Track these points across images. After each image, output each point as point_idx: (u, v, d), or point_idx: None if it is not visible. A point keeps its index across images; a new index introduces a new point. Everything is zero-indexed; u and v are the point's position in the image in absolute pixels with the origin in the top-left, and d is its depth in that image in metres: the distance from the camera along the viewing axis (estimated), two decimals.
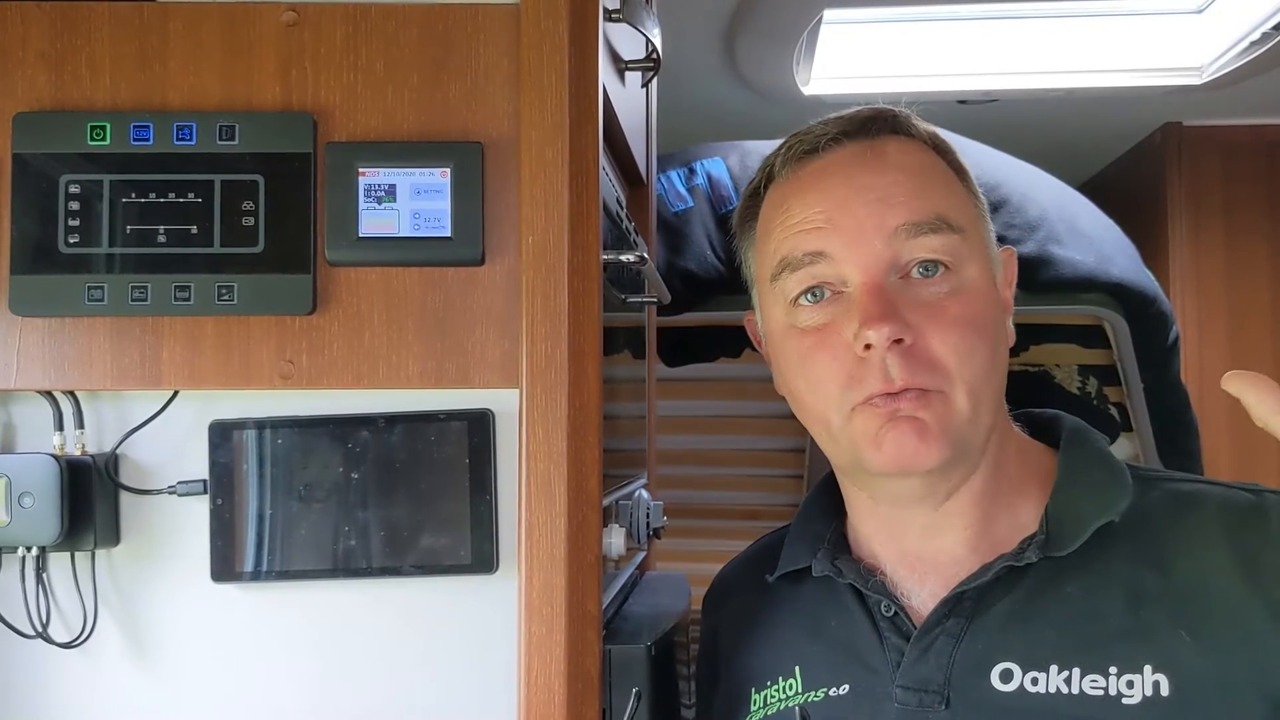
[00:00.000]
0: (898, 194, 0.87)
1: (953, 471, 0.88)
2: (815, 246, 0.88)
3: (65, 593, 0.92)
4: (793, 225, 0.90)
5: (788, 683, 0.93)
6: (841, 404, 0.86)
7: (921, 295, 0.85)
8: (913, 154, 0.91)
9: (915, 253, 0.86)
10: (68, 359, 0.89)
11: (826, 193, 0.89)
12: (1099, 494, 0.88)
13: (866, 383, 0.84)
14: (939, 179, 0.91)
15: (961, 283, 0.87)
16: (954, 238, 0.87)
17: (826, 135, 0.91)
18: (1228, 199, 3.03)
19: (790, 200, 0.91)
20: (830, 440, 0.90)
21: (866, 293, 0.85)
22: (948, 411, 0.84)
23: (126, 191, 0.88)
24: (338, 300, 0.90)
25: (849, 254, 0.86)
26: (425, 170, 0.89)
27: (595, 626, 0.87)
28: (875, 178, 0.88)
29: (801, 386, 0.90)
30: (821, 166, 0.91)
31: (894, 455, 0.84)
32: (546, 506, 0.86)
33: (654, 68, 1.13)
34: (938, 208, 0.87)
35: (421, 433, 0.91)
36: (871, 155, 0.90)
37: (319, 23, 0.90)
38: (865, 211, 0.86)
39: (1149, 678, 0.80)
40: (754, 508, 2.22)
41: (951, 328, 0.85)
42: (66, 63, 0.90)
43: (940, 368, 0.84)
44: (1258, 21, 2.33)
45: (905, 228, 0.86)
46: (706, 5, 2.18)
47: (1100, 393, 2.05)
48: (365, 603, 0.92)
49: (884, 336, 0.83)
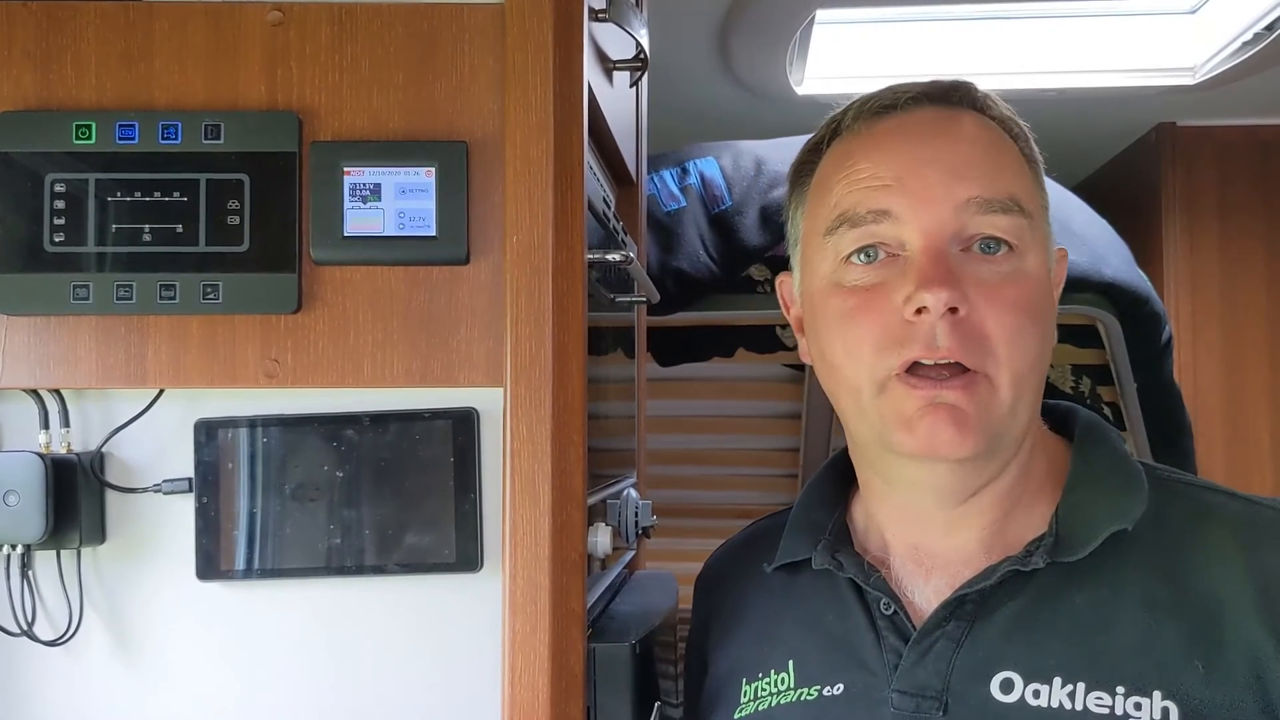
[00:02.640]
0: (972, 166, 0.84)
1: (983, 467, 0.85)
2: (880, 204, 0.84)
3: (51, 591, 0.92)
4: (859, 180, 0.86)
5: (780, 677, 0.91)
6: (876, 369, 0.83)
7: (981, 272, 0.82)
8: (991, 132, 0.88)
9: (982, 228, 0.83)
10: (53, 357, 0.89)
11: (898, 152, 0.85)
12: (1113, 498, 0.85)
13: (908, 346, 0.81)
14: (1013, 161, 0.88)
15: (1022, 267, 0.84)
16: (1022, 221, 0.84)
17: (906, 94, 0.88)
18: (1222, 199, 3.04)
19: (858, 155, 0.87)
20: (857, 413, 0.86)
21: (927, 256, 0.82)
22: (991, 400, 0.81)
23: (112, 190, 0.89)
24: (323, 299, 0.90)
25: (914, 216, 0.83)
26: (410, 169, 0.89)
27: (579, 625, 0.87)
28: (951, 145, 0.85)
29: (838, 348, 0.86)
30: (896, 125, 0.87)
31: (926, 440, 0.81)
32: (530, 505, 0.86)
33: (642, 67, 1.13)
34: (1011, 188, 0.84)
35: (407, 431, 0.91)
36: (950, 123, 0.87)
37: (304, 22, 0.91)
38: (936, 177, 0.83)
39: (1158, 703, 0.77)
40: (747, 507, 2.22)
41: (1007, 309, 0.82)
42: (52, 62, 0.90)
43: (989, 346, 0.81)
44: (1250, 22, 2.33)
45: (976, 201, 0.83)
46: (699, 5, 2.19)
47: (1093, 392, 2.06)
48: (350, 601, 0.92)
49: (941, 302, 0.79)
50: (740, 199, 1.82)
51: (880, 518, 0.92)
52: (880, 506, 0.92)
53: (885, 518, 0.92)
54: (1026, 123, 0.90)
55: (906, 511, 0.90)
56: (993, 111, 0.89)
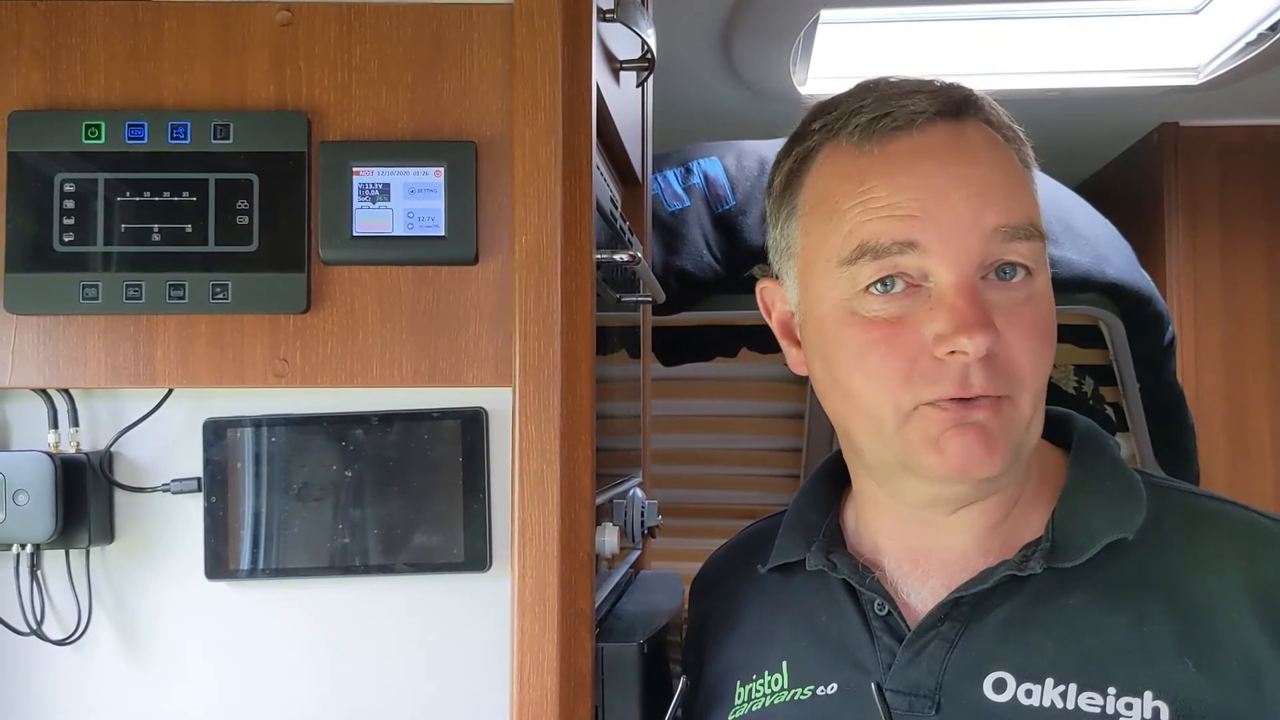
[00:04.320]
0: (993, 191, 0.82)
1: (1003, 479, 0.84)
2: (905, 236, 0.81)
3: (60, 590, 0.92)
4: (880, 209, 0.82)
5: (774, 678, 0.91)
6: (902, 402, 0.81)
7: (1001, 300, 0.81)
8: (998, 147, 0.86)
9: (1005, 255, 0.81)
10: (62, 357, 0.89)
11: (921, 179, 0.82)
12: (1111, 507, 0.85)
13: (940, 384, 0.80)
14: (1021, 178, 0.86)
15: (1036, 289, 0.83)
16: (1040, 244, 0.83)
17: (921, 115, 0.83)
18: (1224, 199, 3.04)
19: (874, 179, 0.83)
20: (877, 439, 0.85)
21: (961, 294, 0.80)
22: (1013, 418, 0.81)
23: (121, 190, 0.89)
24: (331, 299, 0.90)
25: (943, 249, 0.80)
26: (419, 169, 0.89)
27: (588, 624, 0.87)
28: (969, 169, 0.82)
29: (858, 380, 0.84)
30: (913, 146, 0.83)
31: (958, 463, 0.80)
32: (539, 505, 0.86)
33: (648, 67, 1.13)
34: (1029, 212, 0.83)
35: (415, 431, 0.92)
36: (963, 142, 0.84)
37: (312, 22, 0.91)
38: (965, 206, 0.81)
39: (1149, 703, 0.77)
40: (750, 507, 2.22)
41: (1030, 336, 0.82)
42: (61, 61, 0.90)
43: (1016, 375, 0.81)
44: (1254, 22, 2.33)
45: (1004, 230, 0.81)
46: (703, 4, 2.19)
47: (1096, 393, 2.06)
48: (358, 601, 0.92)
49: (981, 348, 0.78)
50: (744, 199, 1.82)
51: (874, 524, 0.92)
52: (876, 515, 0.92)
53: (880, 524, 0.92)
54: (1022, 125, 0.89)
55: (904, 519, 0.90)
56: (994, 119, 0.87)
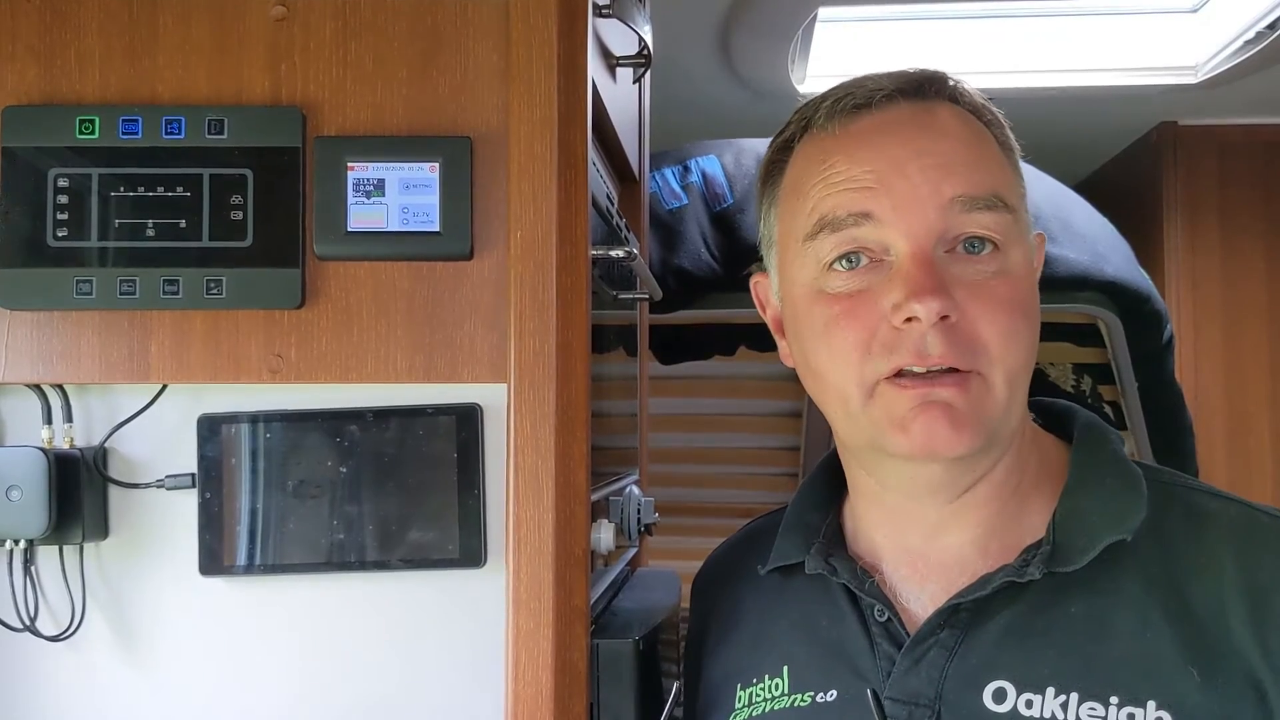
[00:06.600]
0: (955, 163, 0.82)
1: (977, 463, 0.84)
2: (862, 207, 0.81)
3: (53, 586, 0.92)
4: (837, 183, 0.83)
5: (774, 682, 0.90)
6: (864, 376, 0.82)
7: (966, 273, 0.81)
8: (969, 124, 0.86)
9: (967, 227, 0.81)
10: (56, 352, 0.89)
11: (878, 151, 0.82)
12: (1112, 507, 0.83)
13: (897, 353, 0.80)
14: (993, 154, 0.86)
15: (1008, 264, 0.82)
16: (1007, 217, 0.82)
17: (880, 91, 0.85)
18: (1223, 198, 3.04)
19: (835, 156, 0.84)
20: (847, 419, 0.85)
21: (915, 263, 0.80)
22: (985, 396, 0.80)
23: (115, 185, 0.88)
24: (326, 294, 0.90)
25: (898, 219, 0.81)
26: (414, 165, 0.89)
27: (583, 621, 0.87)
28: (932, 143, 0.83)
29: (823, 357, 0.84)
30: (873, 124, 0.84)
31: (922, 441, 0.80)
32: (534, 501, 0.86)
33: (645, 64, 1.13)
34: (994, 184, 0.83)
35: (410, 427, 0.91)
36: (927, 117, 0.84)
37: (308, 17, 0.90)
38: (921, 177, 0.81)
39: (1151, 713, 0.76)
40: (748, 506, 2.22)
41: (998, 309, 0.81)
42: (56, 56, 0.90)
43: (982, 349, 0.80)
44: (1252, 20, 2.33)
45: (961, 200, 0.81)
46: (702, 2, 2.19)
47: (1094, 391, 2.06)
48: (353, 597, 0.92)
49: (932, 312, 0.78)
50: (742, 197, 1.82)
51: (870, 520, 0.91)
52: (870, 508, 0.91)
53: (876, 520, 0.91)
54: (1002, 110, 0.88)
55: (897, 513, 0.89)
56: (966, 100, 0.87)
